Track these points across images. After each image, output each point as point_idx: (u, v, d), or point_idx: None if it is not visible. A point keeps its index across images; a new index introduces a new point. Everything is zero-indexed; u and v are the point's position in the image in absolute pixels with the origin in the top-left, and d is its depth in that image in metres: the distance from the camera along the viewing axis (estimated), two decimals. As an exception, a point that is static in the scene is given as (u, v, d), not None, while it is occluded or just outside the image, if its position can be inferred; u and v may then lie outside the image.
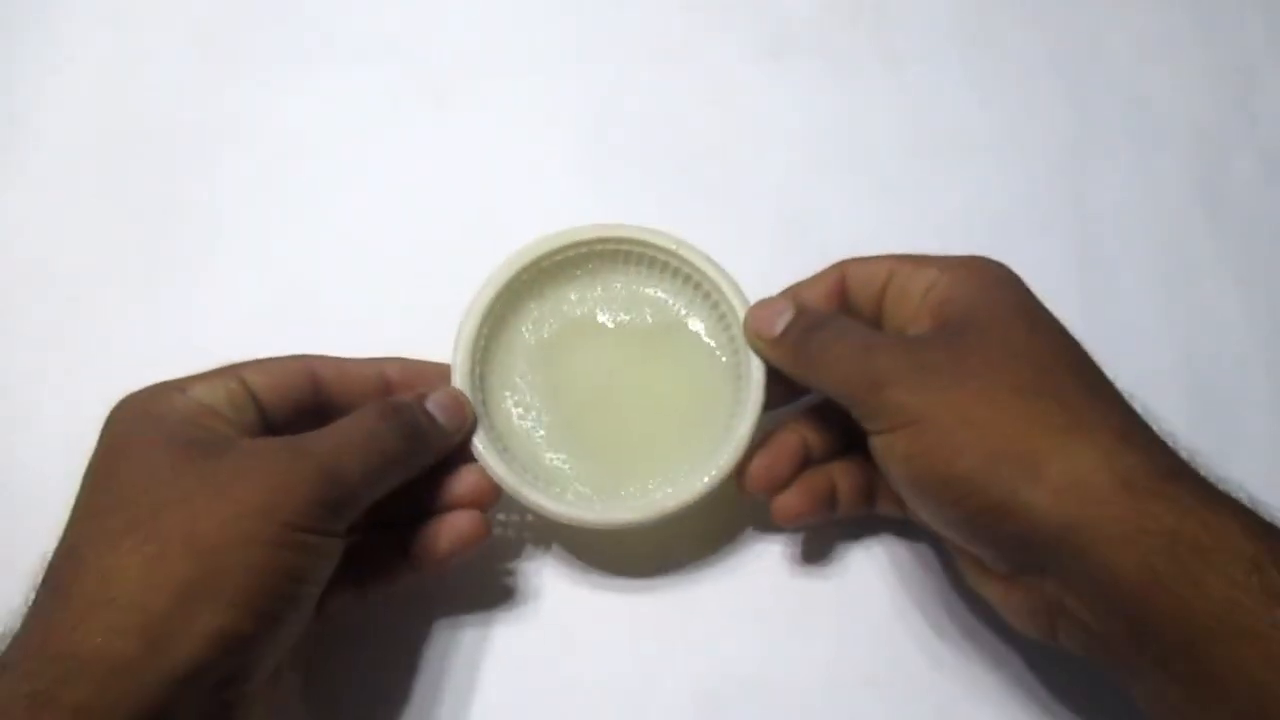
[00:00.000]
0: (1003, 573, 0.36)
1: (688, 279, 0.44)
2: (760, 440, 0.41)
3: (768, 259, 0.50)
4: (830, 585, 0.44)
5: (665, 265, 0.44)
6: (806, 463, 0.41)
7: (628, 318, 0.44)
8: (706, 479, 0.40)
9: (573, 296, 0.44)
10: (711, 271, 0.43)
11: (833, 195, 0.52)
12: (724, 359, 0.43)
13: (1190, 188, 0.53)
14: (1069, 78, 0.56)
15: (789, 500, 0.40)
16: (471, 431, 0.40)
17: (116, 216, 0.51)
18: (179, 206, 0.52)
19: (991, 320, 0.36)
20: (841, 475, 0.41)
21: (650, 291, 0.45)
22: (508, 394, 0.43)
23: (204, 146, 0.53)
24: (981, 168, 0.53)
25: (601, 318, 0.44)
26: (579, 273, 0.44)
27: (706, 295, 0.43)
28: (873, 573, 0.44)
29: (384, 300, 0.49)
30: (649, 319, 0.44)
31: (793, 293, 0.42)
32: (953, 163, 0.53)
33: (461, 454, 0.40)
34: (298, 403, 0.38)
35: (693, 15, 0.57)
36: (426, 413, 0.39)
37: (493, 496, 0.40)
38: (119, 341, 0.48)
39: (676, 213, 0.51)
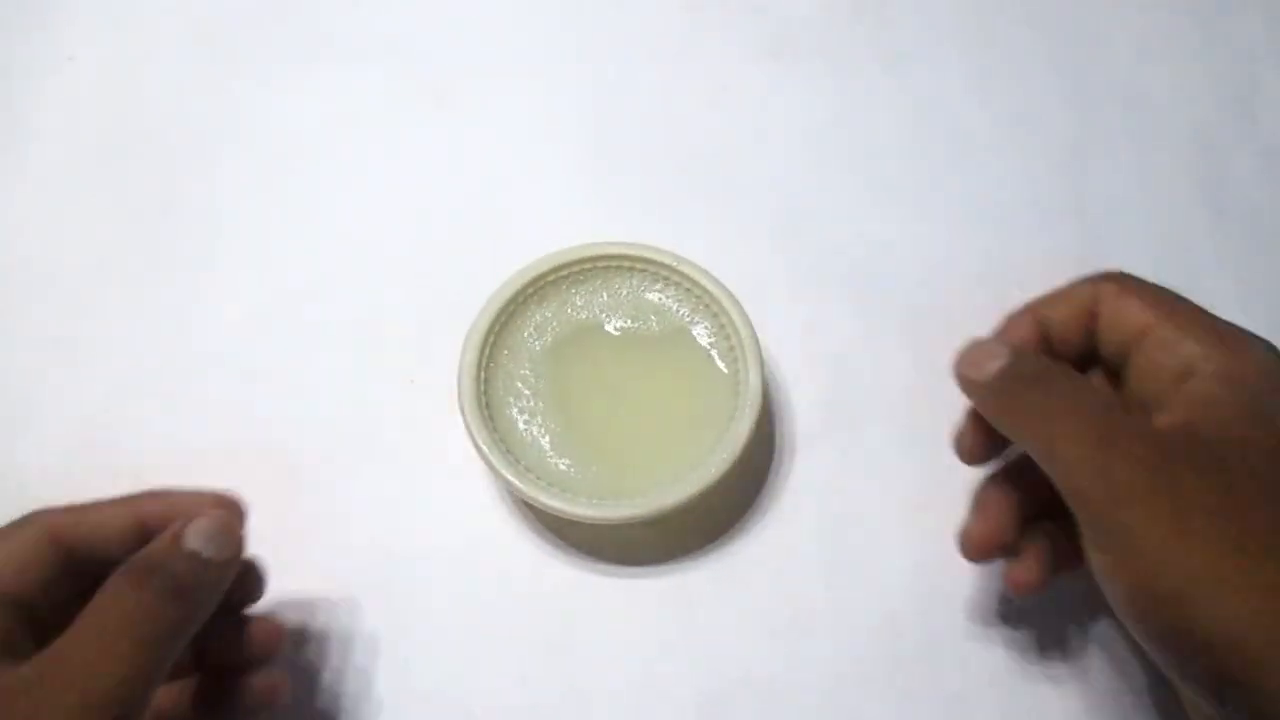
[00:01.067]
0: None
1: (689, 290, 0.45)
2: (972, 503, 0.38)
3: (767, 259, 0.50)
4: (831, 584, 0.43)
5: (668, 277, 0.45)
6: (1024, 522, 0.37)
7: (632, 324, 0.45)
8: (705, 477, 0.40)
9: (578, 301, 0.45)
10: (710, 285, 0.44)
11: (833, 195, 0.52)
12: (724, 368, 0.43)
13: (1190, 187, 0.53)
14: (1069, 77, 0.56)
15: (1024, 574, 0.36)
16: (239, 556, 0.35)
17: (116, 216, 0.51)
18: (179, 206, 0.52)
19: (1264, 453, 0.30)
20: (1059, 534, 0.36)
21: (654, 298, 0.45)
22: (511, 399, 0.43)
23: (204, 146, 0.53)
24: (981, 168, 0.53)
25: (606, 324, 0.45)
26: (584, 279, 0.45)
27: (707, 306, 0.44)
28: (872, 572, 0.44)
29: (384, 300, 0.49)
30: (653, 326, 0.45)
31: (1011, 333, 0.37)
32: (953, 163, 0.53)
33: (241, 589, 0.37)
34: (50, 581, 0.33)
35: (693, 15, 0.57)
36: (188, 556, 0.32)
37: (282, 646, 0.37)
38: (119, 342, 0.48)
39: (676, 212, 0.51)
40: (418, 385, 0.47)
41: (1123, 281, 0.36)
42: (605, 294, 0.45)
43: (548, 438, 0.43)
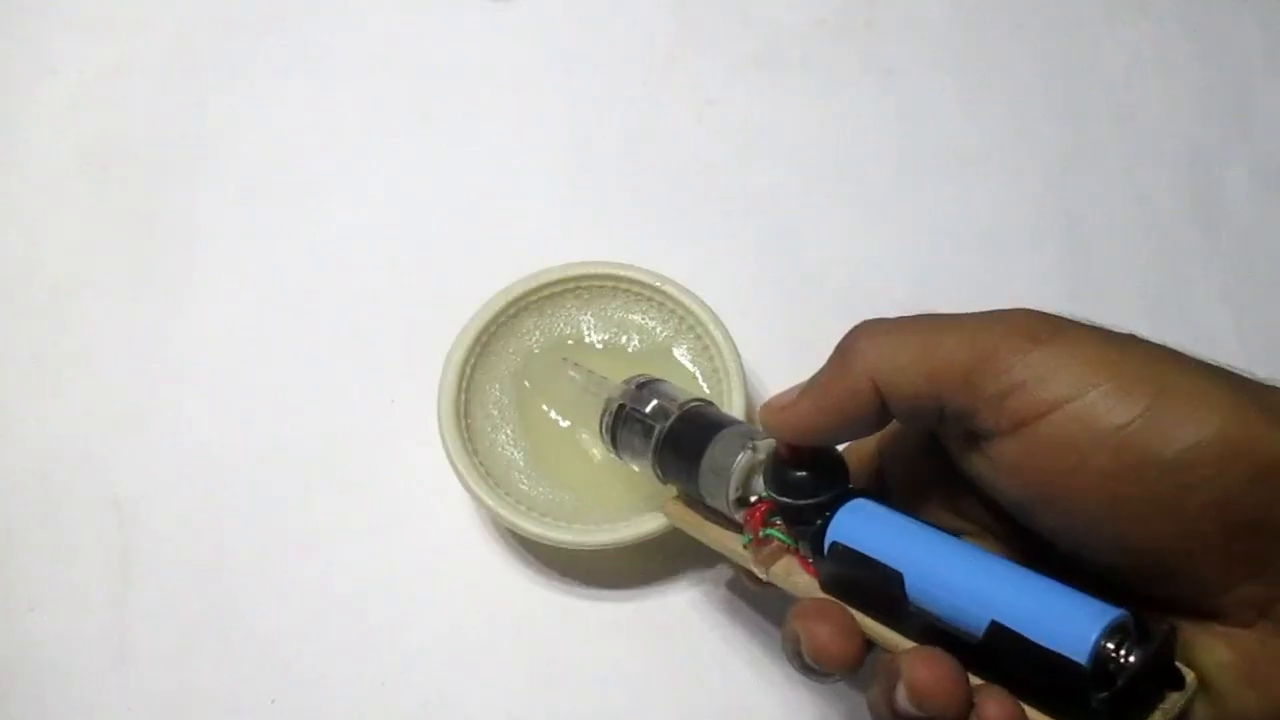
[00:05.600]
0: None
1: (672, 311, 0.44)
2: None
3: (752, 277, 0.50)
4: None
5: (650, 297, 0.44)
6: None
7: (615, 344, 0.44)
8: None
9: (561, 322, 0.44)
10: (693, 305, 0.43)
11: (821, 209, 0.52)
12: (707, 389, 0.43)
13: (1182, 202, 0.53)
14: (1060, 91, 0.55)
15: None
16: None
17: (97, 229, 0.51)
18: (160, 220, 0.51)
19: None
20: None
21: (636, 318, 0.45)
22: (491, 421, 0.43)
23: (185, 161, 0.53)
24: (972, 182, 0.53)
25: (589, 341, 0.44)
26: (568, 299, 0.44)
27: (690, 327, 0.44)
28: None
29: (365, 318, 0.49)
30: (636, 344, 0.44)
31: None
32: (943, 177, 0.53)
33: None
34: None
35: (678, 28, 0.56)
36: None
37: None
38: (102, 351, 0.48)
39: (661, 227, 0.51)
40: (398, 406, 0.46)
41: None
42: (588, 314, 0.45)
43: (527, 460, 0.42)
